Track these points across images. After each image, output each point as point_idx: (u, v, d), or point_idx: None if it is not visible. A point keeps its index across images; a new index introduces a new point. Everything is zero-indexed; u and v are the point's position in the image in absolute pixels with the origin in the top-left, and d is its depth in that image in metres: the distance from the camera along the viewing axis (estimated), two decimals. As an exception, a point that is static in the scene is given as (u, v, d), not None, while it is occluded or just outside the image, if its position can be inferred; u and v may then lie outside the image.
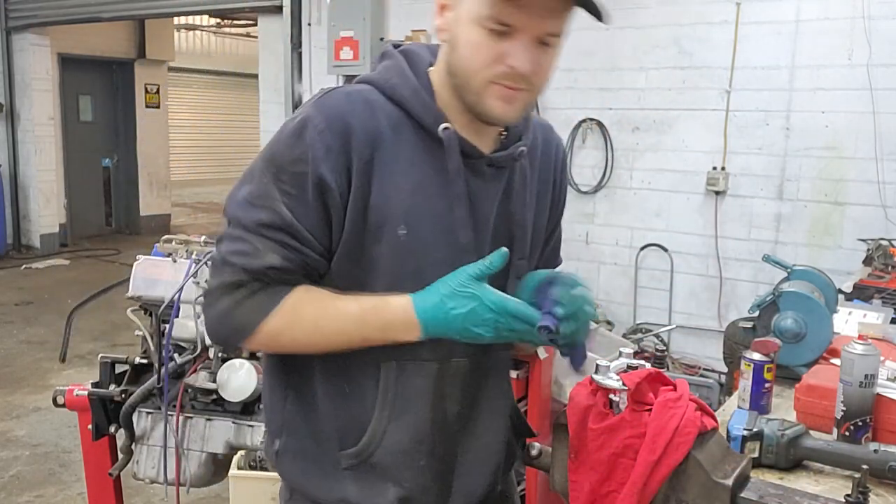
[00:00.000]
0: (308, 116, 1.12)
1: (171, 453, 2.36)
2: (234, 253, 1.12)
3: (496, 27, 1.07)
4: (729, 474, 1.12)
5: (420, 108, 1.16)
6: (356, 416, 1.20)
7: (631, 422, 1.16)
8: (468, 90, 1.13)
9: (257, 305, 1.13)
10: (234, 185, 1.18)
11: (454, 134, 1.15)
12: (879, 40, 4.23)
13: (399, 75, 1.18)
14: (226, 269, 1.13)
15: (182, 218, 12.56)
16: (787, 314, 1.88)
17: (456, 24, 1.11)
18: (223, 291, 1.13)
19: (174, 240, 2.53)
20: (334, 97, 1.15)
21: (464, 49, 1.11)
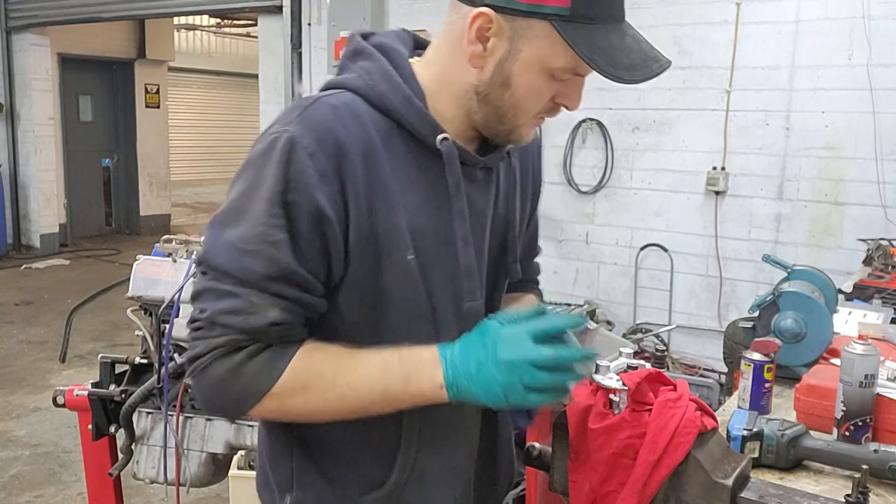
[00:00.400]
0: (294, 137, 0.99)
1: (171, 453, 2.36)
2: (226, 312, 0.98)
3: (565, 77, 1.03)
4: (729, 474, 1.12)
5: (414, 118, 1.05)
6: (378, 454, 1.10)
7: (631, 422, 1.16)
8: (506, 122, 1.07)
9: (260, 369, 0.99)
10: (213, 226, 1.02)
11: (453, 146, 1.06)
12: (879, 40, 4.23)
13: (386, 80, 1.06)
14: (216, 330, 0.98)
15: (182, 218, 12.57)
16: (787, 314, 1.88)
17: (511, 61, 1.01)
18: (215, 356, 0.98)
19: (174, 240, 2.53)
20: (320, 111, 1.01)
21: (522, 92, 1.03)
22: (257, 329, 0.98)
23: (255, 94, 7.21)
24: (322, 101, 1.03)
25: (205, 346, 0.99)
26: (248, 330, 0.98)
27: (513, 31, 1.00)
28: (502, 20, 0.99)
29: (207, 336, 0.99)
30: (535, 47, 1.00)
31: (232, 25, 14.29)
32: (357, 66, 1.09)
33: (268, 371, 0.99)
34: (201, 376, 1.00)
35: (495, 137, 1.11)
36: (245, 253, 0.98)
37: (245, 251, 0.98)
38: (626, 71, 0.98)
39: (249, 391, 0.99)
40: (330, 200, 0.99)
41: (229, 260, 0.98)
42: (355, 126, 1.02)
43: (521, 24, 0.99)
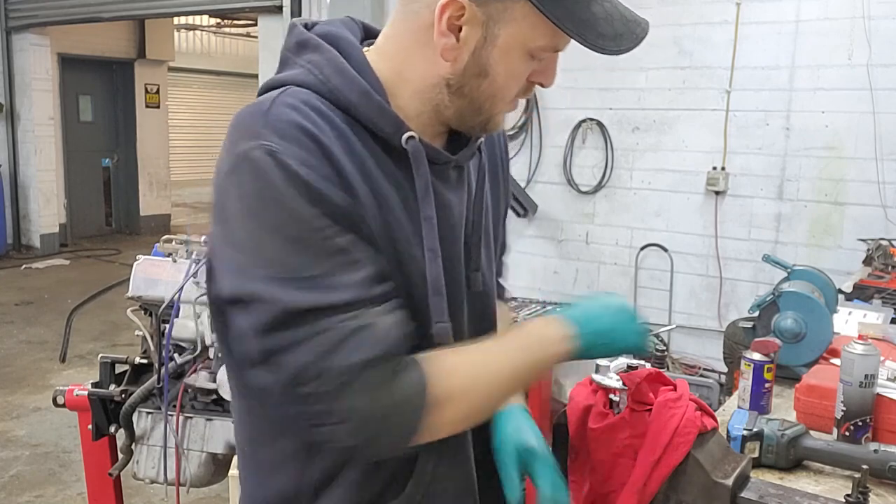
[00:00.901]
0: (275, 150, 0.87)
1: (171, 453, 2.37)
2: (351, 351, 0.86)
3: (545, 55, 0.97)
4: (729, 474, 1.12)
5: (375, 115, 0.95)
6: (395, 464, 1.02)
7: (631, 422, 1.16)
8: (483, 113, 1.00)
9: (407, 387, 0.90)
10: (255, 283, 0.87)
11: (420, 144, 0.96)
12: (879, 40, 4.23)
13: (338, 74, 0.95)
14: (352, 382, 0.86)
15: (182, 218, 12.56)
16: (787, 314, 1.88)
17: (488, 48, 0.94)
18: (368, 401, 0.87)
19: (174, 240, 2.53)
20: (284, 114, 0.90)
21: (500, 78, 0.96)
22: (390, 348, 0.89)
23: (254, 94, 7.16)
24: (279, 102, 0.92)
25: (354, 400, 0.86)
26: (383, 353, 0.88)
27: (487, 17, 0.92)
28: (474, 6, 0.92)
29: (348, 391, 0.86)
30: (514, 30, 0.93)
31: (232, 25, 14.29)
32: (303, 60, 0.99)
33: (415, 385, 0.90)
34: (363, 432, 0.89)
35: (470, 130, 1.03)
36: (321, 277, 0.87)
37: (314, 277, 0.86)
38: (613, 42, 0.94)
39: (411, 413, 0.90)
40: (343, 200, 0.90)
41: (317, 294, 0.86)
42: (325, 123, 0.92)
43: (496, 8, 0.92)
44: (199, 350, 2.32)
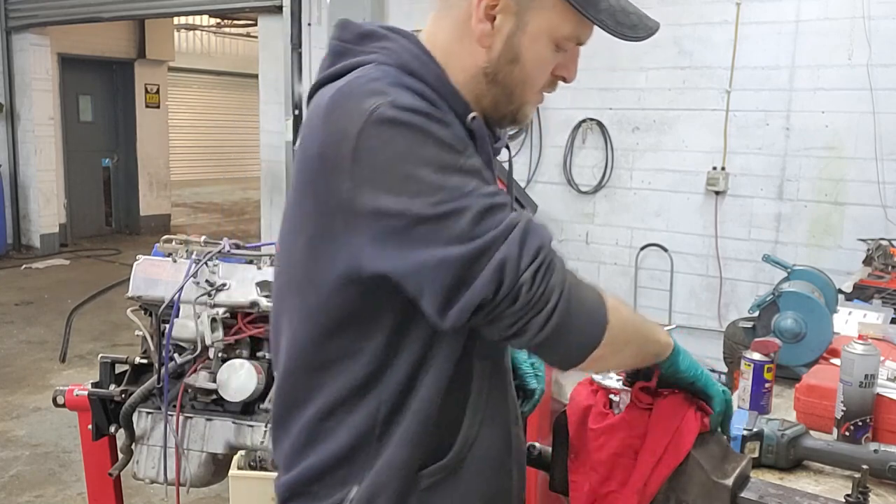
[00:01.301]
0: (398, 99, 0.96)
1: (171, 453, 2.36)
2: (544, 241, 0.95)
3: (569, 47, 1.07)
4: (729, 474, 1.12)
5: (449, 95, 1.04)
6: (444, 429, 1.07)
7: (631, 422, 1.16)
8: (514, 101, 1.08)
9: (590, 286, 1.00)
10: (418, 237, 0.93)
11: (482, 122, 1.06)
12: (879, 40, 4.23)
13: (415, 58, 1.04)
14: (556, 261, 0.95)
15: (182, 218, 12.57)
16: (787, 314, 1.88)
17: (519, 35, 1.04)
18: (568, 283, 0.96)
19: (174, 240, 2.53)
20: (387, 76, 0.99)
21: (531, 66, 1.05)
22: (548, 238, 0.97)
23: (255, 94, 7.21)
24: (374, 70, 1.00)
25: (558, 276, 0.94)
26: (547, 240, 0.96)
27: (518, 6, 1.02)
28: None
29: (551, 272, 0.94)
30: (543, 18, 1.03)
31: (232, 25, 14.29)
32: (374, 47, 1.06)
33: (595, 286, 1.01)
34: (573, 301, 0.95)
35: (501, 120, 1.11)
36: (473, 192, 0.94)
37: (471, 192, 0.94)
38: (630, 30, 1.04)
39: (596, 305, 0.99)
40: (459, 132, 1.01)
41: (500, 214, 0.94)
42: (419, 87, 1.01)
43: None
44: (199, 350, 2.32)
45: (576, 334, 0.96)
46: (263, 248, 2.48)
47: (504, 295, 0.91)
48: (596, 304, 0.97)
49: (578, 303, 0.95)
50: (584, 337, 0.97)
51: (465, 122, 1.04)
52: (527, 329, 0.94)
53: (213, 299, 2.31)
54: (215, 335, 2.29)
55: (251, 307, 2.31)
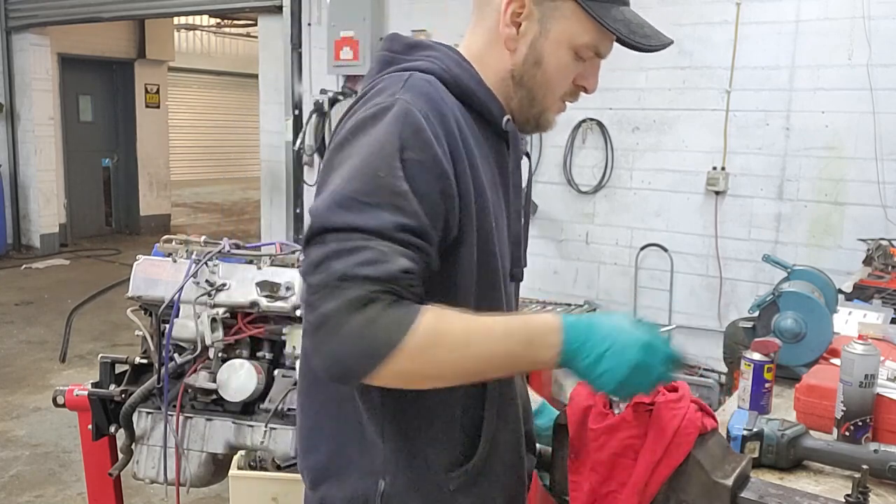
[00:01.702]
0: (407, 102, 1.04)
1: (171, 453, 2.36)
2: (360, 264, 0.95)
3: (588, 56, 1.16)
4: (729, 474, 1.12)
5: (487, 99, 1.15)
6: (464, 431, 1.13)
7: (631, 422, 1.16)
8: (536, 105, 1.18)
9: (395, 321, 0.95)
10: (327, 194, 1.00)
11: (515, 127, 1.18)
12: (879, 40, 4.23)
13: (457, 65, 1.14)
14: (346, 286, 0.94)
15: (182, 218, 12.57)
16: (787, 314, 1.88)
17: (542, 40, 1.14)
18: (349, 311, 0.93)
19: (174, 240, 2.53)
20: (420, 82, 1.08)
21: (551, 69, 1.15)
22: (391, 276, 0.95)
23: (255, 94, 7.21)
24: (416, 76, 1.09)
25: (336, 303, 0.94)
26: (384, 278, 0.95)
27: (541, 13, 1.13)
28: (532, 4, 1.12)
29: (338, 294, 0.94)
30: (563, 26, 1.13)
31: (232, 25, 14.29)
32: (421, 55, 1.15)
33: (402, 323, 0.95)
34: (333, 333, 0.95)
35: (525, 124, 1.21)
36: (370, 206, 0.97)
37: (370, 204, 0.97)
38: (644, 39, 1.15)
39: (383, 343, 0.94)
40: (445, 158, 1.04)
41: (354, 216, 0.97)
42: (448, 98, 1.10)
43: (549, 6, 1.12)
44: (199, 350, 2.32)
45: (337, 366, 0.96)
46: (263, 248, 2.48)
47: (301, 277, 1.00)
48: (376, 350, 0.95)
49: (348, 339, 0.94)
50: (347, 370, 0.97)
51: (502, 125, 1.16)
52: (303, 329, 0.99)
53: (213, 299, 2.31)
54: (215, 335, 2.29)
55: (251, 307, 2.31)
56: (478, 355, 1.00)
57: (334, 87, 6.07)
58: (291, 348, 2.31)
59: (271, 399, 2.31)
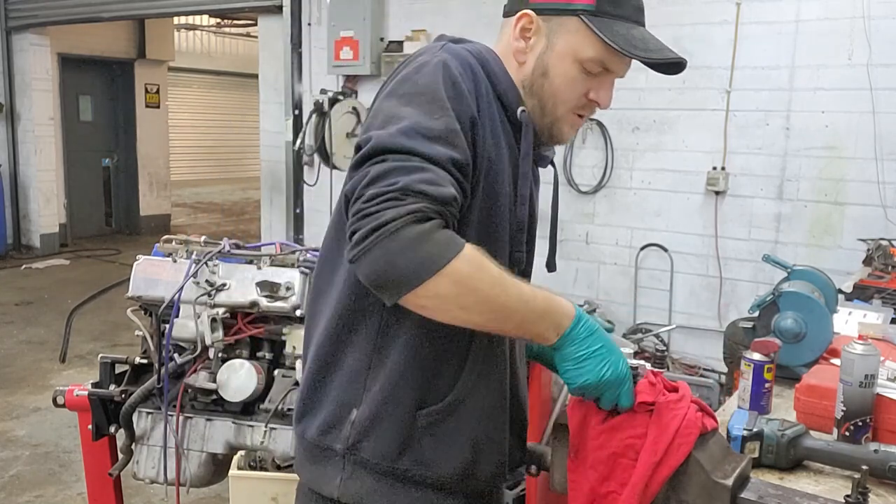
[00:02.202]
0: (445, 60, 1.16)
1: (171, 453, 2.36)
2: (421, 181, 1.03)
3: (596, 71, 1.22)
4: (729, 474, 1.13)
5: (508, 87, 1.24)
6: (442, 377, 1.22)
7: (631, 422, 1.16)
8: (547, 114, 1.25)
9: (447, 240, 1.03)
10: (381, 127, 1.09)
11: (530, 118, 1.25)
12: (879, 40, 4.23)
13: (488, 53, 1.26)
14: (407, 199, 1.01)
15: (182, 218, 12.57)
16: (787, 314, 1.88)
17: (549, 53, 1.23)
18: (408, 221, 1.00)
19: (174, 240, 2.53)
20: (459, 49, 1.21)
21: (558, 81, 1.23)
22: (445, 199, 1.04)
23: (255, 94, 7.21)
24: (453, 45, 1.23)
25: (396, 213, 1.00)
26: (439, 199, 1.03)
27: (549, 29, 1.22)
28: (540, 20, 1.23)
29: (399, 204, 1.01)
30: (568, 40, 1.21)
31: (232, 25, 14.29)
32: (459, 46, 1.25)
33: (452, 244, 1.02)
34: (389, 239, 1.00)
35: (540, 134, 1.28)
36: (430, 138, 1.07)
37: (430, 137, 1.07)
38: (643, 52, 1.20)
39: (437, 254, 1.01)
40: (475, 111, 1.16)
41: (414, 143, 1.06)
42: (480, 72, 1.21)
43: (556, 22, 1.22)
44: (199, 350, 2.32)
45: (387, 269, 1.01)
46: (263, 248, 2.48)
47: (350, 194, 1.07)
48: (431, 260, 1.01)
49: (406, 246, 1.00)
50: (395, 277, 1.02)
51: (516, 114, 1.23)
52: (351, 238, 1.03)
53: (213, 299, 2.31)
54: (215, 335, 2.29)
55: (251, 307, 2.31)
56: (505, 302, 1.07)
57: (334, 87, 6.07)
58: (291, 348, 2.31)
59: (271, 399, 2.31)
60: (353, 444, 1.22)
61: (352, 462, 1.22)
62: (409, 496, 1.22)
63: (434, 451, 1.21)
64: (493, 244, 1.19)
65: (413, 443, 1.21)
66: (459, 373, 1.22)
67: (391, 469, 1.21)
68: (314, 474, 1.27)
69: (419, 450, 1.21)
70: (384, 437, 1.20)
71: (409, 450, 1.21)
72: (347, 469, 1.23)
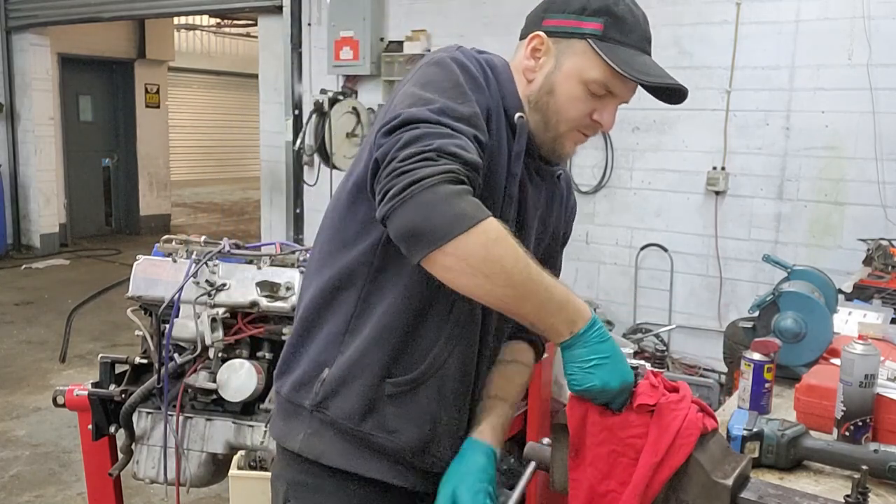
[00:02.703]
0: (460, 56, 1.24)
1: (171, 453, 2.36)
2: (454, 145, 1.09)
3: (600, 92, 1.27)
4: (729, 474, 1.12)
5: (510, 92, 1.30)
6: (414, 350, 1.26)
7: (632, 421, 1.16)
8: (550, 129, 1.30)
9: (478, 204, 1.08)
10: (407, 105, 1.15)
11: (526, 125, 1.29)
12: (879, 40, 4.23)
13: (499, 60, 1.33)
14: (441, 160, 1.07)
15: (182, 218, 12.57)
16: (787, 314, 1.88)
17: (556, 73, 1.28)
18: (442, 180, 1.05)
19: (174, 240, 2.53)
20: (471, 50, 1.29)
21: (563, 99, 1.28)
22: (476, 165, 1.11)
23: (255, 94, 7.21)
24: (466, 48, 1.29)
25: (432, 170, 1.05)
26: (471, 163, 1.10)
27: (558, 50, 1.28)
28: (551, 42, 1.29)
29: (433, 164, 1.06)
30: (574, 62, 1.27)
31: (232, 25, 14.29)
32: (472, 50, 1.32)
33: (481, 209, 1.07)
34: (425, 193, 1.04)
35: (542, 147, 1.32)
36: (457, 118, 1.14)
37: (456, 117, 1.14)
38: (643, 76, 1.26)
39: (470, 213, 1.05)
40: (485, 99, 1.23)
41: (441, 116, 1.12)
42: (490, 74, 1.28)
43: (564, 44, 1.28)
44: (199, 350, 2.32)
45: (420, 221, 1.05)
46: (263, 248, 2.48)
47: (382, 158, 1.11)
48: (464, 216, 1.05)
49: (441, 200, 1.04)
50: (428, 229, 1.05)
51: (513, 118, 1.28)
52: (385, 196, 1.07)
53: (213, 299, 2.31)
54: (215, 335, 2.29)
55: (251, 307, 2.31)
56: (528, 280, 1.09)
57: (334, 87, 6.07)
58: (291, 348, 2.31)
59: (271, 399, 2.31)
60: (321, 402, 1.28)
61: (317, 419, 1.29)
62: (365, 461, 1.28)
63: (396, 420, 1.26)
64: None
65: (377, 409, 1.26)
66: (430, 350, 1.27)
67: (353, 431, 1.27)
68: (282, 430, 1.34)
69: (382, 417, 1.26)
70: (350, 399, 1.26)
71: (372, 414, 1.26)
72: (313, 425, 1.29)
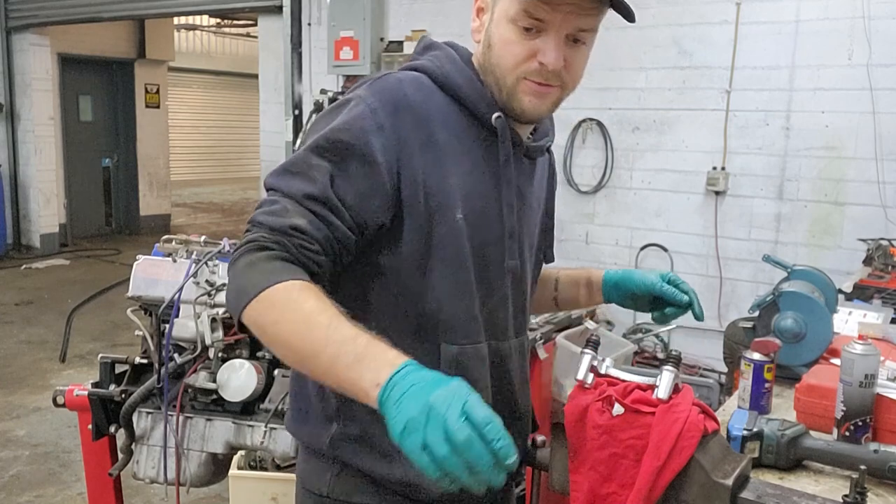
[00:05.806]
0: (361, 96, 1.17)
1: (171, 453, 2.36)
2: (263, 213, 1.12)
3: (528, 24, 1.14)
4: (729, 474, 1.12)
5: (475, 95, 1.21)
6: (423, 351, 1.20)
7: (632, 422, 1.16)
8: (502, 87, 1.19)
9: (269, 271, 1.04)
10: (285, 162, 1.19)
11: (506, 122, 1.21)
12: (879, 40, 4.23)
13: (451, 63, 1.23)
14: (251, 230, 1.12)
15: (182, 218, 12.57)
16: (787, 314, 1.88)
17: (490, 24, 1.19)
18: (243, 251, 1.09)
19: (174, 240, 2.53)
20: (388, 81, 1.19)
21: (498, 47, 1.18)
22: (282, 228, 1.09)
23: (255, 94, 7.21)
24: (391, 75, 1.21)
25: (240, 243, 1.11)
26: (276, 228, 1.09)
27: (493, 2, 1.19)
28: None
29: (245, 235, 1.12)
30: (501, 5, 1.17)
31: (232, 25, 14.29)
32: (427, 55, 1.26)
33: (272, 275, 1.03)
34: (231, 266, 1.10)
35: (509, 112, 1.22)
36: (290, 173, 1.14)
37: (290, 172, 1.14)
38: None
39: (249, 287, 1.04)
40: (383, 149, 1.13)
41: (278, 179, 1.15)
42: (417, 95, 1.18)
43: None
44: (199, 350, 2.32)
45: (227, 292, 1.10)
46: (263, 248, 2.47)
47: None
48: (243, 292, 1.04)
49: (237, 277, 1.07)
50: (230, 303, 1.09)
51: (491, 120, 1.21)
52: None
53: (213, 299, 2.31)
54: (215, 335, 2.29)
55: (251, 307, 2.31)
56: (303, 344, 0.99)
57: (334, 87, 6.06)
58: (291, 348, 2.31)
59: (271, 399, 2.31)
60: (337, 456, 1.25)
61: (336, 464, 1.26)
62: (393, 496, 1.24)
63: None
64: (481, 260, 1.22)
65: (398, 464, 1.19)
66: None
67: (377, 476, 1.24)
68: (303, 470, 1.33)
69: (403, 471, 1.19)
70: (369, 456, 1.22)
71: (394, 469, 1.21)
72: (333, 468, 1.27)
